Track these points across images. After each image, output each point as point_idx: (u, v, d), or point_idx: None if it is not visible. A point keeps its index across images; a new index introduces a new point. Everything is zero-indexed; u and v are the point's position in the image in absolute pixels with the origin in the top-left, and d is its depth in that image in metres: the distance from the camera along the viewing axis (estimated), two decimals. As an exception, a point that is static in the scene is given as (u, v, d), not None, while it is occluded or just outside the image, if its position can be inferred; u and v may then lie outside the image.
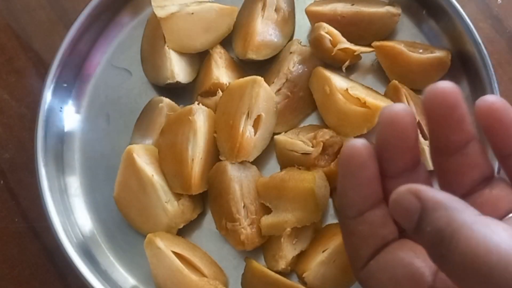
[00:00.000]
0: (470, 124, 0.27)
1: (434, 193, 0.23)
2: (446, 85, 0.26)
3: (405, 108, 0.27)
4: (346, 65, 0.46)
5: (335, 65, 0.47)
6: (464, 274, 0.20)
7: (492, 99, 0.27)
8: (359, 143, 0.27)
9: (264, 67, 0.48)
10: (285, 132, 0.47)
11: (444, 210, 0.22)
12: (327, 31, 0.45)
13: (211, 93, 0.47)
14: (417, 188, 0.23)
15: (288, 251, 0.43)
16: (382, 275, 0.25)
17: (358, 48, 0.46)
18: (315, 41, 0.45)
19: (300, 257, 0.43)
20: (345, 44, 0.45)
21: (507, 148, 0.27)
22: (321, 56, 0.47)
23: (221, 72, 0.47)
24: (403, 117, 0.26)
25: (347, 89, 0.44)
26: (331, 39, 0.45)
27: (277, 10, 0.48)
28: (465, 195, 0.28)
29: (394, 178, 0.28)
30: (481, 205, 0.27)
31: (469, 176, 0.28)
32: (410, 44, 0.47)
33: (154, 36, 0.49)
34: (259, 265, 0.43)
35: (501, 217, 0.27)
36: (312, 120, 0.48)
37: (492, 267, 0.20)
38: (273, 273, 0.42)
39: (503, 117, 0.26)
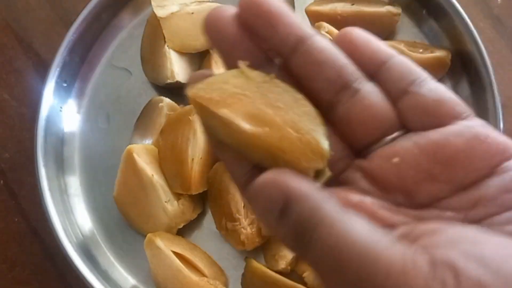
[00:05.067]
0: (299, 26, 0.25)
1: (299, 183, 0.22)
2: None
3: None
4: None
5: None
6: (325, 265, 0.21)
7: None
8: (222, 9, 0.24)
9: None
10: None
11: (307, 202, 0.22)
12: (328, 30, 0.45)
13: (211, 93, 0.47)
14: (281, 179, 0.22)
15: (288, 251, 0.43)
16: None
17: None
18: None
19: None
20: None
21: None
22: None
23: (221, 71, 0.47)
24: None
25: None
26: (331, 39, 0.45)
27: (277, 10, 0.48)
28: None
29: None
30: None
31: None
32: (410, 44, 0.47)
33: (154, 36, 0.49)
34: (259, 265, 0.43)
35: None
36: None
37: (349, 259, 0.20)
38: (273, 273, 0.42)
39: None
